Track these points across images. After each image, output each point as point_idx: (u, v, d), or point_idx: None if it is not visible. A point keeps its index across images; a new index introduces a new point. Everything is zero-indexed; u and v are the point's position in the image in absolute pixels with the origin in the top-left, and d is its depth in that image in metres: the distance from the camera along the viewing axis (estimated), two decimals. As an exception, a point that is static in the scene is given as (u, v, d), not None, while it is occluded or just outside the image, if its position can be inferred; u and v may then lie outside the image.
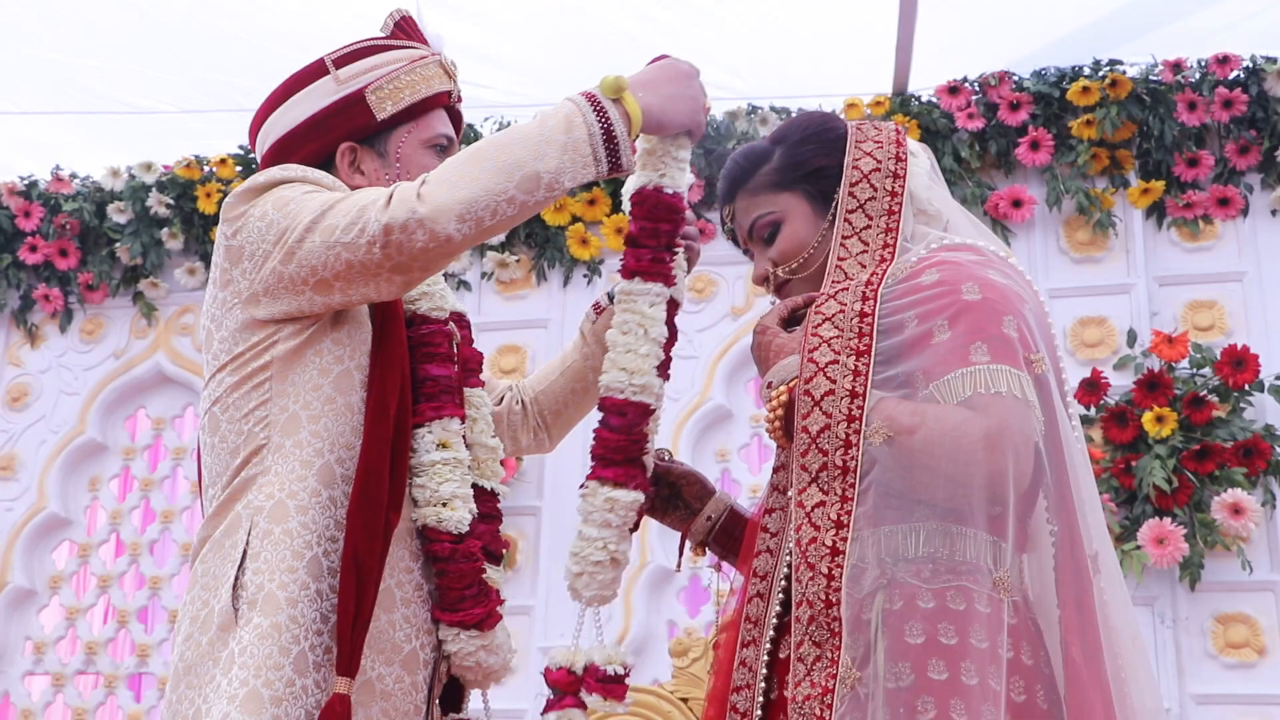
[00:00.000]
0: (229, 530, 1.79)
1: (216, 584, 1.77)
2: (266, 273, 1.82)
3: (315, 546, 1.76)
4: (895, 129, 1.95)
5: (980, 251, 1.79)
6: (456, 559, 1.86)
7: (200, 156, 4.74)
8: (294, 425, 1.81)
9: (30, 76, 4.33)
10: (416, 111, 2.03)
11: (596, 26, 4.02)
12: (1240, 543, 3.70)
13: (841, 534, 1.58)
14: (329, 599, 1.75)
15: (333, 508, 1.79)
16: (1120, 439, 3.82)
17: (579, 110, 1.78)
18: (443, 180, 1.75)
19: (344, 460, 1.81)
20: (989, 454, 1.57)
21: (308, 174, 1.91)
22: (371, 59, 2.02)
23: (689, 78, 1.89)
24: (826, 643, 1.56)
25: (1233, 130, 4.12)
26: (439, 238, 1.73)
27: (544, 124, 1.78)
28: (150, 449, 4.73)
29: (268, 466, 1.80)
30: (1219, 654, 3.69)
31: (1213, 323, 4.00)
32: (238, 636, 1.72)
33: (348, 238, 1.75)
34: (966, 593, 1.56)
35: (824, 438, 1.62)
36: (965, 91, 4.24)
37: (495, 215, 1.74)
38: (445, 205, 1.72)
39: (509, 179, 1.74)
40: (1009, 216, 4.16)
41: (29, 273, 4.84)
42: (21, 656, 4.56)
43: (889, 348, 1.66)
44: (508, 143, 1.77)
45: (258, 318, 1.85)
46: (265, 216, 1.83)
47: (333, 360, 1.84)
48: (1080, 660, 1.62)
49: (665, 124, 1.86)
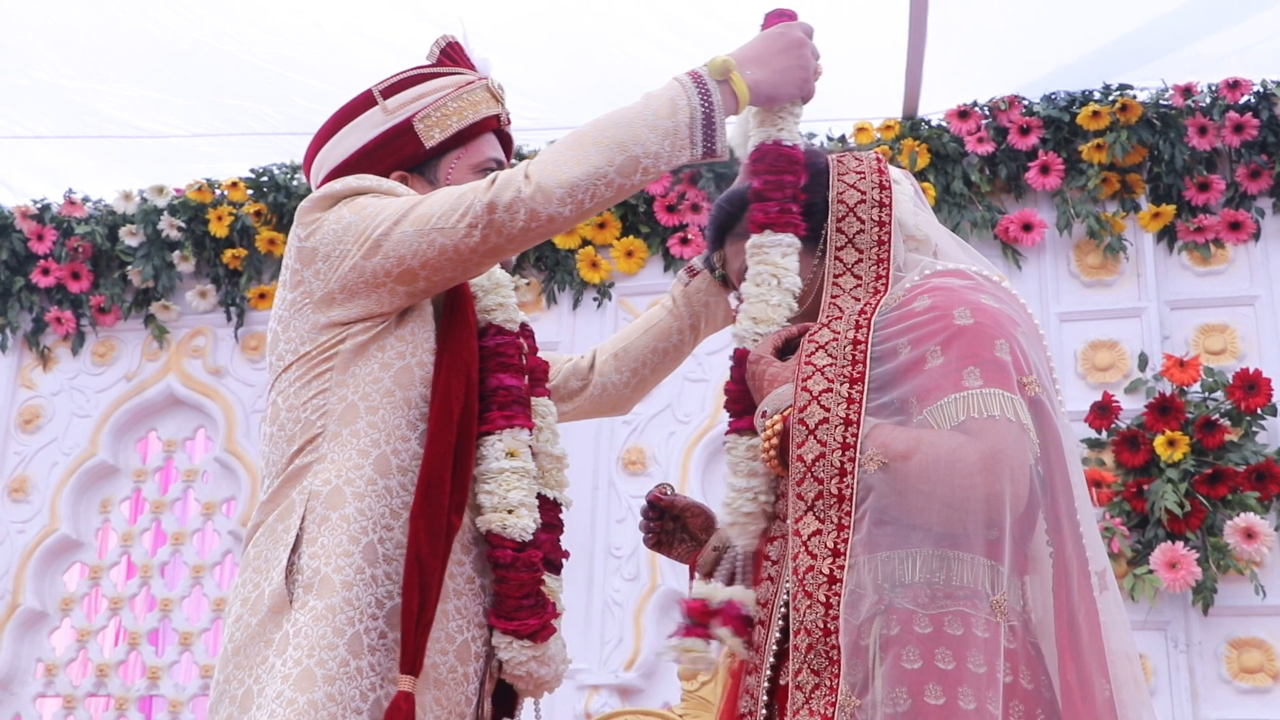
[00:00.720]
0: (282, 515, 1.82)
1: (269, 567, 1.80)
2: (345, 270, 1.86)
3: (371, 533, 1.78)
4: (876, 157, 1.94)
5: (971, 276, 1.79)
6: (518, 567, 1.88)
7: (211, 180, 4.76)
8: (352, 415, 1.84)
9: (43, 102, 4.36)
10: (465, 137, 2.06)
11: (610, 54, 4.03)
12: (1253, 567, 3.69)
13: (839, 562, 1.58)
14: (384, 585, 1.78)
15: (388, 496, 1.81)
16: (1132, 463, 3.81)
17: (684, 92, 1.82)
18: (547, 162, 1.80)
19: (399, 452, 1.84)
20: (985, 478, 1.56)
21: (381, 183, 1.95)
22: (418, 88, 2.05)
23: (799, 46, 1.91)
24: (825, 671, 1.56)
25: (1244, 154, 4.11)
26: (540, 217, 1.78)
27: (648, 106, 1.81)
28: (161, 471, 4.74)
29: (324, 454, 1.83)
30: (1233, 679, 3.68)
31: (1224, 346, 3.99)
32: (292, 619, 1.74)
33: (446, 223, 1.81)
34: (964, 617, 1.55)
35: (819, 466, 1.63)
36: (975, 116, 4.25)
37: (594, 197, 1.80)
38: (549, 186, 1.78)
39: (609, 162, 1.79)
40: (1019, 240, 4.16)
41: (42, 295, 4.86)
42: (33, 678, 4.56)
43: (882, 374, 1.66)
44: (611, 125, 1.81)
45: (331, 320, 1.88)
46: (343, 220, 1.87)
47: (394, 356, 1.87)
48: (1075, 683, 1.62)
49: (775, 97, 1.89)
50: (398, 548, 1.79)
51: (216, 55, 4.14)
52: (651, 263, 4.47)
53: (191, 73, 4.21)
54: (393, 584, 1.78)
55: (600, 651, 4.02)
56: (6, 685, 4.53)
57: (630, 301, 4.43)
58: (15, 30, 4.11)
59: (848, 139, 4.35)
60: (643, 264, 4.47)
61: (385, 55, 4.01)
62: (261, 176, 4.71)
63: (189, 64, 4.19)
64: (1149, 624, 3.71)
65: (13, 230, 4.86)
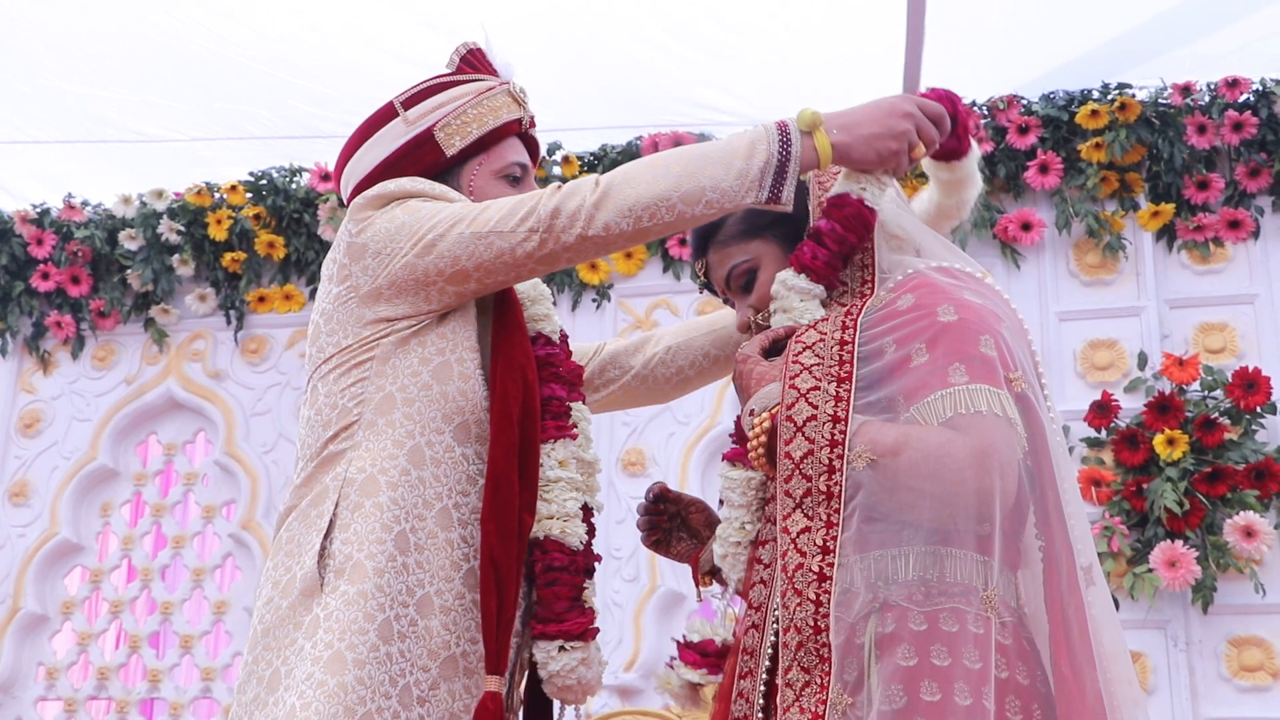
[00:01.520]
0: (316, 500, 1.85)
1: (300, 551, 1.82)
2: (395, 267, 1.88)
3: (404, 522, 1.81)
4: None
5: (955, 273, 1.79)
6: (571, 571, 1.90)
7: (211, 183, 4.77)
8: (388, 405, 1.87)
9: (42, 106, 4.36)
10: (486, 143, 2.07)
11: (610, 57, 4.03)
12: (1253, 565, 3.69)
13: (828, 559, 1.58)
14: (415, 573, 1.80)
15: (421, 487, 1.84)
16: (1131, 462, 3.81)
17: (765, 137, 1.81)
18: (618, 176, 1.82)
19: (433, 444, 1.86)
20: (975, 473, 1.56)
21: (434, 187, 1.97)
22: (438, 97, 2.07)
23: (899, 117, 1.85)
24: (815, 669, 1.56)
25: (1243, 153, 4.11)
26: (598, 226, 1.80)
27: (730, 144, 1.82)
28: (161, 475, 4.75)
29: (359, 442, 1.86)
30: (1233, 677, 3.67)
31: (1224, 345, 3.99)
32: (323, 602, 1.76)
33: (505, 226, 1.83)
34: (959, 614, 1.55)
35: (807, 463, 1.62)
36: (974, 115, 4.25)
37: (654, 219, 1.81)
38: (614, 199, 1.80)
39: (676, 188, 1.80)
40: (1018, 240, 4.16)
41: (41, 300, 4.87)
42: (34, 682, 4.57)
43: (869, 374, 1.66)
44: (688, 155, 1.82)
45: (377, 316, 1.90)
46: (395, 219, 1.90)
47: (434, 351, 1.89)
48: (1069, 675, 1.62)
49: (856, 163, 1.85)
50: (429, 537, 1.82)
51: (215, 60, 4.14)
52: (650, 264, 4.48)
53: (190, 77, 4.22)
54: (424, 573, 1.80)
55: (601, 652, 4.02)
56: (8, 689, 4.54)
57: (629, 303, 4.44)
58: (15, 35, 4.11)
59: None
60: (642, 265, 4.47)
61: (384, 60, 4.02)
62: (260, 180, 4.72)
63: (188, 68, 4.19)
64: (1149, 623, 3.71)
65: (12, 235, 4.86)
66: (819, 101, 1.97)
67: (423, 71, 2.21)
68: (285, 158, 4.67)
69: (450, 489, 1.86)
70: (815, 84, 4.14)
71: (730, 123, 4.37)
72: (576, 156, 4.52)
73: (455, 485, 1.87)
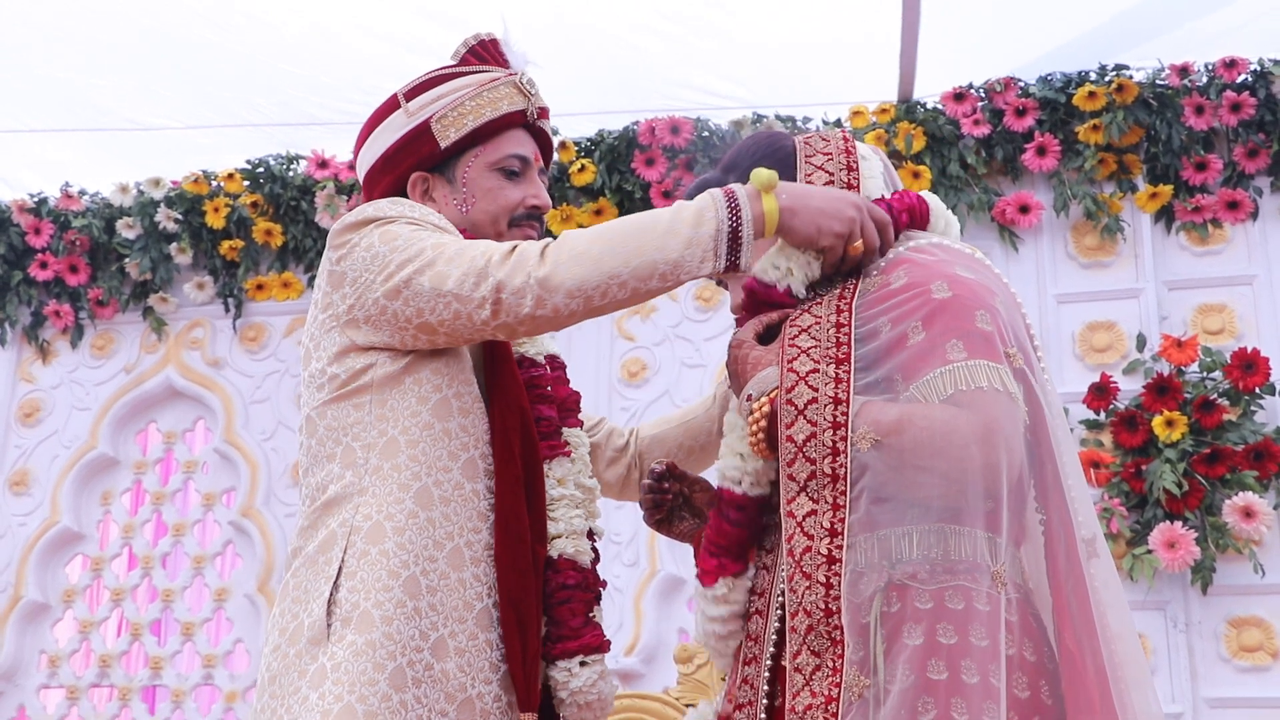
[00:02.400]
0: (324, 546, 1.83)
1: (308, 598, 1.81)
2: (370, 302, 1.86)
3: (413, 566, 1.79)
4: (843, 136, 1.92)
5: (945, 249, 1.78)
6: (584, 587, 1.91)
7: (208, 171, 4.76)
8: (392, 449, 1.85)
9: (38, 95, 4.35)
10: (482, 135, 2.05)
11: (601, 40, 4.03)
12: (1252, 546, 3.69)
13: (836, 542, 1.57)
14: (428, 616, 1.78)
15: (430, 529, 1.82)
16: (1130, 443, 3.81)
17: (712, 205, 1.78)
18: (563, 251, 1.77)
19: (441, 483, 1.85)
20: (981, 448, 1.56)
21: (412, 210, 1.94)
22: (439, 88, 2.06)
23: (847, 204, 1.79)
24: (827, 652, 1.55)
25: (1241, 134, 4.10)
26: (546, 307, 1.76)
27: (677, 214, 1.78)
28: (161, 463, 4.75)
29: (365, 487, 1.84)
30: (1232, 658, 3.68)
31: (1222, 326, 3.99)
32: (329, 652, 1.75)
33: (462, 290, 1.79)
34: (965, 591, 1.54)
35: (810, 446, 1.61)
36: (971, 98, 4.24)
37: (606, 297, 1.77)
38: (560, 279, 1.75)
39: (626, 265, 1.75)
40: (1016, 222, 4.16)
41: (40, 289, 4.86)
42: (36, 670, 4.58)
43: (867, 354, 1.66)
44: (637, 228, 1.78)
45: (357, 343, 1.89)
46: (372, 248, 1.87)
47: (431, 389, 1.87)
48: (1074, 648, 1.61)
49: (796, 233, 1.78)
50: (441, 579, 1.81)
51: (211, 47, 4.14)
52: (649, 249, 4.46)
53: (185, 65, 4.21)
54: (437, 615, 1.79)
55: (601, 637, 4.03)
56: (10, 677, 4.54)
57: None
58: (9, 24, 4.10)
59: (843, 122, 4.34)
60: (641, 251, 4.45)
61: (381, 47, 4.01)
62: (258, 168, 4.71)
63: (183, 56, 4.18)
64: (1148, 604, 3.71)
65: (10, 224, 4.85)
66: (815, 83, 1.96)
67: (419, 58, 2.20)
68: (282, 145, 4.66)
69: (461, 527, 1.85)
70: (812, 67, 4.14)
71: (727, 107, 4.37)
72: (574, 142, 4.51)
73: (466, 523, 1.85)
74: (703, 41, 4.10)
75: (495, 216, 2.06)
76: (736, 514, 1.78)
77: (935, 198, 1.92)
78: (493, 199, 2.06)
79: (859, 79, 4.20)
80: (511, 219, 2.07)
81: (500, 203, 2.06)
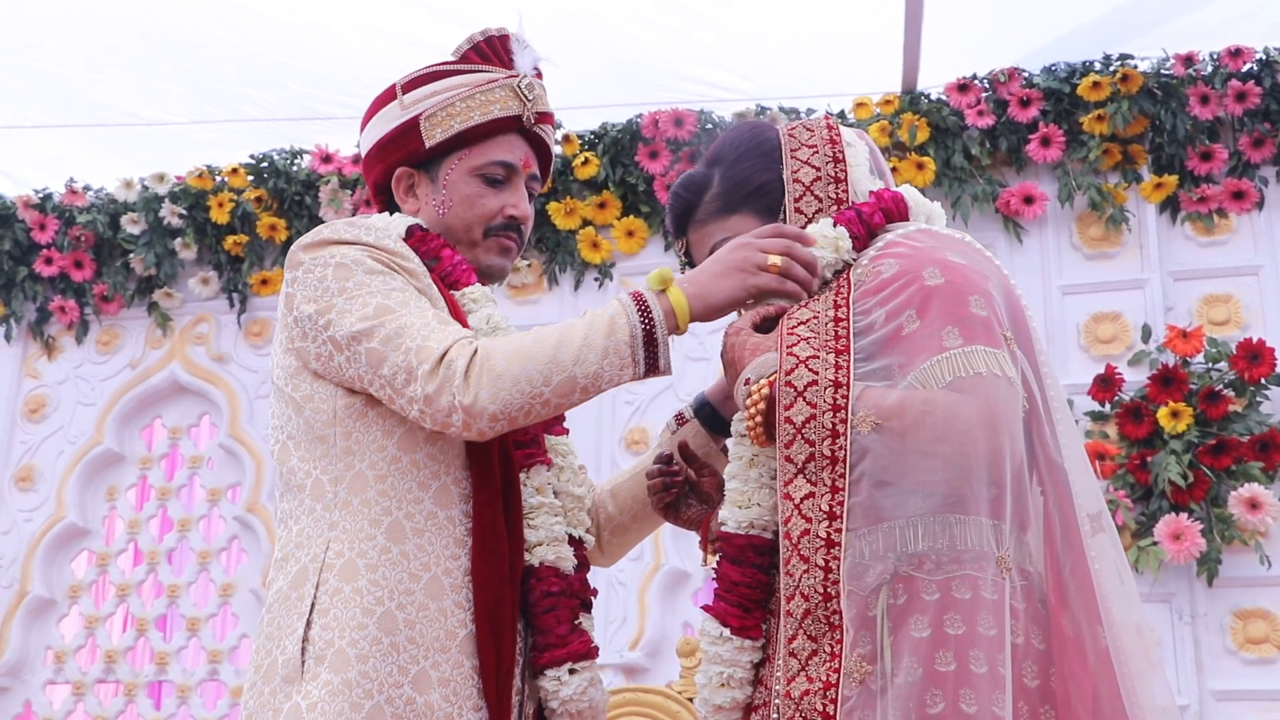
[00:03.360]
0: (296, 582, 1.80)
1: (282, 636, 1.78)
2: (313, 344, 1.84)
3: (388, 601, 1.76)
4: (828, 125, 1.90)
5: (935, 234, 1.77)
6: (567, 594, 1.88)
7: (212, 166, 4.77)
8: (361, 484, 1.82)
9: (43, 92, 4.36)
10: (468, 139, 2.01)
11: (603, 33, 4.02)
12: (1258, 537, 3.68)
13: (835, 525, 1.55)
14: (407, 650, 1.76)
15: (405, 561, 1.79)
16: (1135, 435, 3.80)
17: (623, 311, 1.77)
18: (485, 374, 1.74)
19: (413, 515, 1.82)
20: (984, 434, 1.54)
21: (369, 234, 1.91)
22: (435, 84, 2.02)
23: (734, 249, 1.80)
24: (824, 636, 1.53)
25: (1246, 123, 4.08)
26: (472, 430, 1.75)
27: (590, 325, 1.77)
28: (167, 458, 4.76)
29: (335, 521, 1.81)
30: (1238, 650, 3.67)
31: (1228, 317, 3.97)
32: (304, 691, 1.73)
33: (395, 382, 1.77)
34: (971, 581, 1.52)
35: (809, 428, 1.59)
36: (975, 89, 4.22)
37: (531, 415, 1.76)
38: (483, 405, 1.73)
39: (546, 383, 1.74)
40: (1021, 213, 4.14)
41: (45, 285, 4.87)
42: (42, 666, 4.59)
43: (865, 346, 1.64)
44: (555, 343, 1.76)
45: (311, 367, 1.86)
46: (324, 280, 1.85)
47: (395, 422, 1.84)
48: (1069, 633, 1.60)
49: (714, 305, 1.79)
50: (420, 610, 1.78)
51: (212, 42, 4.14)
52: (652, 243, 4.46)
53: (187, 60, 4.21)
54: (417, 648, 1.76)
55: (605, 631, 4.02)
56: (16, 673, 4.55)
57: (632, 281, 4.43)
58: (13, 20, 4.11)
59: (847, 114, 4.33)
60: (643, 244, 4.46)
61: (382, 42, 4.01)
62: (261, 163, 4.71)
63: (185, 51, 4.19)
64: (1153, 596, 3.70)
65: (15, 220, 4.86)
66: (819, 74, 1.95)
67: (422, 53, 2.18)
68: (285, 140, 4.66)
69: (438, 556, 1.81)
70: (816, 58, 4.13)
71: (731, 99, 4.36)
72: (577, 135, 4.50)
73: (443, 551, 1.82)
74: (706, 34, 4.10)
75: (470, 224, 2.02)
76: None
77: (914, 190, 1.91)
78: (470, 206, 2.01)
79: (862, 70, 4.19)
80: (487, 228, 2.02)
81: (477, 211, 2.02)
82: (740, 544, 1.75)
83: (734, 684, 1.72)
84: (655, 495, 2.05)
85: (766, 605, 1.74)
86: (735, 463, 1.77)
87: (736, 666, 1.72)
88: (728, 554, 1.76)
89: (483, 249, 2.03)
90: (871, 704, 1.49)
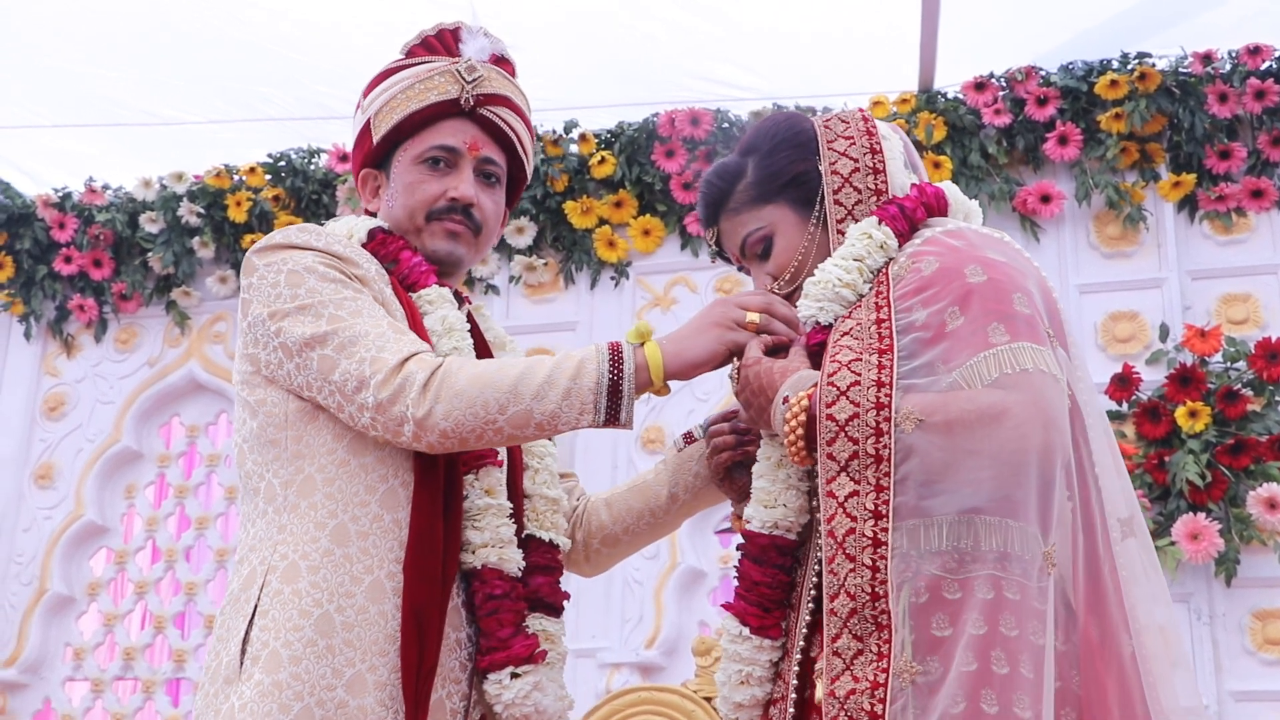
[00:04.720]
0: (245, 584, 1.81)
1: (228, 637, 1.79)
2: (265, 351, 1.84)
3: (326, 604, 1.75)
4: (863, 117, 1.89)
5: (975, 233, 1.75)
6: (512, 597, 1.86)
7: (230, 165, 4.78)
8: (309, 487, 1.82)
9: (62, 91, 4.38)
10: (406, 129, 2.02)
11: (618, 31, 4.02)
12: (1277, 537, 3.66)
13: (881, 524, 1.53)
14: (343, 653, 1.75)
15: (347, 564, 1.78)
16: (1153, 434, 3.78)
17: (595, 357, 1.78)
18: (444, 389, 1.75)
19: (358, 518, 1.81)
20: (1036, 430, 1.52)
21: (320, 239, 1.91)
22: (383, 84, 2.05)
23: (715, 307, 1.84)
24: (870, 636, 1.51)
25: (1265, 121, 4.07)
26: (421, 442, 1.77)
27: (558, 365, 1.78)
28: (185, 456, 4.78)
29: (284, 524, 1.81)
30: (1257, 650, 3.65)
31: (1246, 316, 3.96)
32: (239, 691, 1.73)
33: (345, 389, 1.78)
34: (995, 581, 1.50)
35: (852, 426, 1.57)
36: (992, 87, 4.22)
37: (482, 439, 1.77)
38: (435, 420, 1.75)
39: (502, 412, 1.75)
40: (1038, 212, 4.13)
41: (64, 283, 4.89)
42: (61, 663, 4.61)
43: (907, 344, 1.62)
44: (519, 375, 1.77)
45: (263, 372, 1.86)
46: (277, 286, 1.85)
47: (345, 426, 1.83)
48: (1095, 640, 1.59)
49: (690, 361, 1.81)
50: (359, 614, 1.76)
51: (232, 43, 4.15)
52: (669, 241, 4.46)
53: (205, 59, 4.23)
54: (354, 651, 1.75)
55: (621, 630, 4.03)
56: (35, 669, 4.58)
57: (648, 280, 4.43)
58: (31, 19, 4.13)
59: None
60: (660, 242, 4.46)
61: (396, 39, 4.00)
62: (279, 161, 4.73)
63: (205, 52, 4.20)
64: (1171, 596, 3.67)
65: (35, 219, 4.89)
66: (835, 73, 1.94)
67: (436, 48, 2.19)
68: (302, 139, 4.68)
69: (382, 559, 1.79)
70: (832, 57, 4.12)
71: (747, 98, 4.36)
72: (594, 134, 4.51)
73: (388, 554, 1.80)
74: (722, 33, 4.10)
75: (413, 211, 2.01)
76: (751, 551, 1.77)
77: (954, 188, 1.90)
78: (410, 193, 2.01)
79: (879, 69, 4.18)
80: (430, 212, 2.01)
81: (417, 196, 2.01)
82: (763, 543, 1.75)
83: (753, 682, 1.73)
84: (719, 454, 2.00)
85: (786, 604, 1.75)
86: (763, 462, 1.77)
87: (756, 665, 1.73)
88: (750, 553, 1.77)
89: (428, 234, 2.02)
90: (922, 703, 1.47)
